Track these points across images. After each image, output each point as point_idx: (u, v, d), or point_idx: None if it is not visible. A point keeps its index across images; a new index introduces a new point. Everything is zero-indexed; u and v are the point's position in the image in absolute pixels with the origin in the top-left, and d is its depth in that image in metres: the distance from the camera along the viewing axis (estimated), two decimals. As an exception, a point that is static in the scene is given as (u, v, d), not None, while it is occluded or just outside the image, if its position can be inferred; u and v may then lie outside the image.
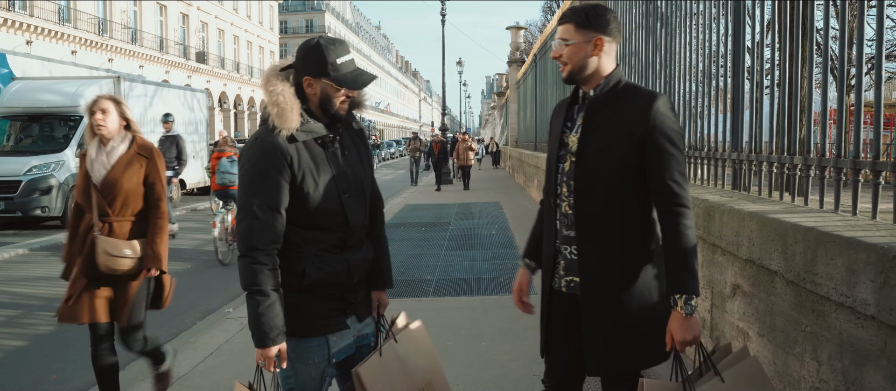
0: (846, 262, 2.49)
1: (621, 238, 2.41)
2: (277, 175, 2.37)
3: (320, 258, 2.46)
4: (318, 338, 2.52)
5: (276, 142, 2.38)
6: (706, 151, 4.78)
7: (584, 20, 2.40)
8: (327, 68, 2.43)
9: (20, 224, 13.72)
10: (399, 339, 2.76)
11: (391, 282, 2.80)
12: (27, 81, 15.28)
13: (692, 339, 2.30)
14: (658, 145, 2.32)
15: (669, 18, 5.57)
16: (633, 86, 2.48)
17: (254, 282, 2.34)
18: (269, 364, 2.40)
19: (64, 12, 30.87)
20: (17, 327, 6.63)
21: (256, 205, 2.36)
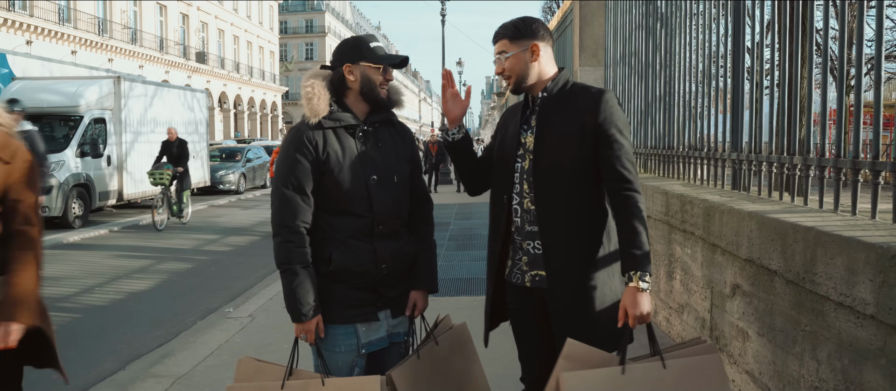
0: (845, 262, 2.49)
1: (582, 228, 2.54)
2: (303, 158, 2.51)
3: (347, 244, 2.53)
4: (345, 326, 2.56)
5: (303, 128, 2.55)
6: (706, 151, 4.78)
7: (516, 32, 2.58)
8: (363, 52, 2.59)
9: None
10: (440, 342, 2.75)
11: (433, 286, 2.77)
12: (27, 81, 15.29)
13: (645, 315, 2.40)
14: (609, 135, 2.48)
15: (669, 19, 5.57)
16: (582, 85, 2.62)
17: (285, 260, 2.48)
18: (310, 336, 2.49)
19: (64, 12, 30.87)
20: (17, 327, 6.62)
21: (284, 185, 2.51)
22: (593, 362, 2.35)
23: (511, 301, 2.75)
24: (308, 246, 2.51)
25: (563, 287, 2.53)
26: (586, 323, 2.51)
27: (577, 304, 2.52)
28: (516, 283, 2.69)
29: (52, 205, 13.11)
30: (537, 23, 2.60)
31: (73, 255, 10.75)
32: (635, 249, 2.41)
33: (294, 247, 2.48)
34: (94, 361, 5.56)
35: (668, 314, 4.99)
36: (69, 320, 6.84)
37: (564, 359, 2.35)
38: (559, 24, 11.35)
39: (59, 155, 13.63)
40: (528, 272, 2.64)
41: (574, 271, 2.52)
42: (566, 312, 2.54)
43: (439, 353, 2.72)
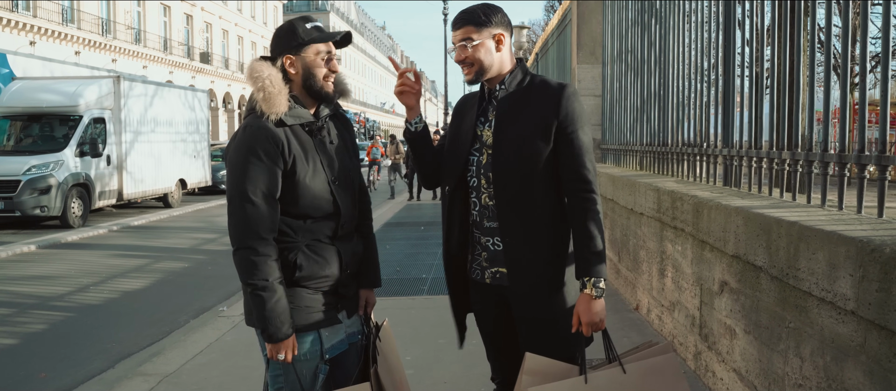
0: (827, 257, 2.44)
1: (543, 225, 2.46)
2: (270, 161, 2.30)
3: (312, 248, 2.40)
4: (310, 333, 2.43)
5: (266, 127, 2.31)
6: (699, 148, 4.73)
7: (484, 19, 2.46)
8: (299, 36, 2.38)
9: (19, 223, 13.74)
10: (382, 337, 2.72)
11: (379, 281, 2.73)
12: (27, 81, 15.31)
13: (599, 322, 2.36)
14: (569, 133, 2.41)
15: (664, 15, 5.52)
16: (543, 78, 2.53)
17: (258, 276, 2.26)
18: (287, 355, 2.33)
19: (67, 13, 30.90)
20: (9, 326, 6.61)
21: (250, 191, 2.28)
22: (555, 374, 2.32)
23: (474, 300, 2.69)
24: (277, 257, 2.31)
25: (526, 284, 2.47)
26: (550, 321, 2.46)
27: (541, 302, 2.47)
28: (477, 280, 2.62)
29: (51, 205, 13.12)
30: (502, 11, 2.52)
31: (70, 255, 10.74)
32: (590, 254, 2.35)
33: (269, 259, 2.27)
34: (84, 360, 5.53)
35: (660, 312, 4.93)
36: (61, 319, 6.82)
37: (526, 374, 2.31)
38: (559, 23, 11.31)
39: (58, 154, 13.67)
40: (489, 268, 2.57)
41: (536, 269, 2.46)
42: (529, 310, 2.48)
43: (383, 350, 2.67)
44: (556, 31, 11.64)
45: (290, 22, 2.43)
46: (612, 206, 6.60)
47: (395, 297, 6.87)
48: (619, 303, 6.02)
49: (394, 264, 8.74)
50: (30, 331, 6.38)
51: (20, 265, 9.86)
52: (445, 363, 4.68)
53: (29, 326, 6.57)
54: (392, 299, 6.82)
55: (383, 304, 6.58)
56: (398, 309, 6.35)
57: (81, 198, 14.05)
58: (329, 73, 2.44)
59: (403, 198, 19.50)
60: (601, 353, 2.49)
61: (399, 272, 8.24)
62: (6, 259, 10.36)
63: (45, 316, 6.96)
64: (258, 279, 2.26)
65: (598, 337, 2.54)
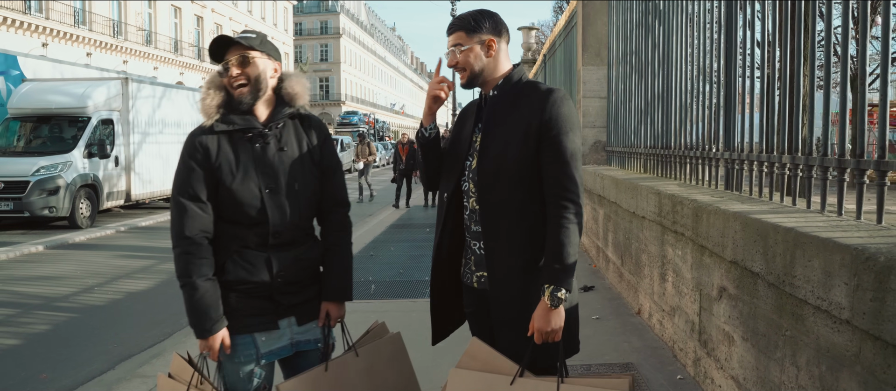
0: (822, 264, 2.40)
1: (525, 231, 2.43)
2: (196, 165, 2.41)
3: (241, 254, 2.44)
4: (243, 335, 2.45)
5: (196, 135, 2.45)
6: (700, 151, 4.68)
7: (473, 25, 2.48)
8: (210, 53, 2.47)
9: (28, 224, 13.80)
10: (362, 353, 2.63)
11: (345, 295, 2.65)
12: (37, 83, 15.40)
13: (550, 332, 2.32)
14: (551, 138, 2.37)
15: (667, 16, 5.48)
16: (533, 82, 2.50)
17: (184, 273, 2.37)
18: (213, 353, 2.39)
19: (79, 15, 31.09)
20: (13, 326, 6.63)
21: (179, 193, 2.41)
22: (492, 367, 2.29)
23: (467, 304, 2.67)
24: (210, 256, 2.39)
25: (504, 290, 2.44)
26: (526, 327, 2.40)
27: (518, 309, 2.43)
28: (468, 284, 2.61)
29: (59, 206, 13.18)
30: (495, 17, 2.52)
31: (77, 255, 10.78)
32: (555, 263, 2.31)
33: (193, 258, 2.36)
34: (85, 361, 5.53)
35: (660, 317, 4.89)
36: (65, 320, 6.83)
37: (466, 356, 2.31)
38: (566, 24, 11.28)
39: (66, 156, 13.73)
40: (476, 273, 2.56)
41: (515, 275, 2.43)
42: (507, 316, 2.46)
43: (357, 366, 2.58)
44: (564, 32, 11.60)
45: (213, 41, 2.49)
46: (615, 210, 6.55)
47: (396, 300, 6.85)
48: (621, 307, 5.98)
49: (397, 267, 8.72)
50: (33, 332, 6.40)
51: (27, 265, 9.89)
52: (444, 367, 4.61)
53: (32, 327, 6.58)
54: (394, 302, 6.80)
55: (385, 307, 6.57)
56: (399, 312, 6.32)
57: (89, 198, 14.11)
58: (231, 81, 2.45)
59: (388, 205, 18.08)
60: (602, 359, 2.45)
61: (402, 274, 8.22)
62: (14, 259, 10.41)
63: (48, 316, 6.98)
64: (183, 276, 2.37)
65: (584, 346, 2.50)
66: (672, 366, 4.36)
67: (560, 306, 2.31)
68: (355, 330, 2.95)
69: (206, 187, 2.41)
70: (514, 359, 2.36)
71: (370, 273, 8.31)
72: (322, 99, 76.02)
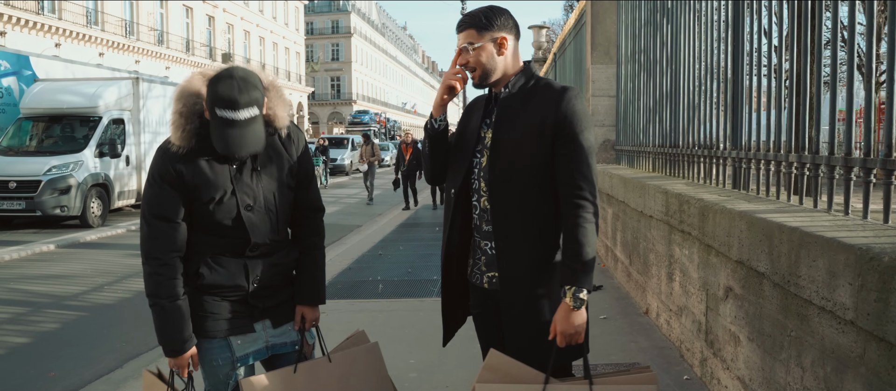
0: (827, 264, 2.37)
1: (537, 230, 2.41)
2: (169, 187, 2.35)
3: (216, 260, 2.42)
4: (219, 339, 2.46)
5: (170, 155, 2.36)
6: (708, 150, 4.65)
7: (485, 22, 2.43)
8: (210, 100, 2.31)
9: (40, 223, 13.89)
10: (335, 359, 2.64)
11: (318, 298, 2.67)
12: (48, 83, 15.50)
13: (574, 333, 2.29)
14: (567, 136, 2.34)
15: (675, 14, 5.44)
16: (547, 81, 2.47)
17: (154, 293, 2.36)
18: (182, 371, 2.40)
19: (91, 15, 31.28)
20: (22, 324, 6.68)
21: (150, 214, 2.37)
22: (515, 377, 2.25)
23: (474, 304, 2.65)
24: (180, 275, 2.37)
25: (516, 291, 2.42)
26: (538, 330, 2.40)
27: (530, 310, 2.41)
28: (476, 284, 2.59)
29: (70, 205, 13.26)
30: (506, 14, 2.48)
31: (87, 254, 10.85)
32: (575, 263, 2.29)
33: (163, 279, 2.34)
34: (93, 359, 5.56)
35: (668, 317, 4.86)
36: (74, 318, 6.88)
37: (485, 369, 2.26)
38: (576, 23, 11.24)
39: (78, 155, 13.81)
40: (486, 273, 2.54)
41: (527, 276, 2.41)
42: (518, 318, 2.43)
43: (331, 371, 2.59)
44: (573, 31, 11.57)
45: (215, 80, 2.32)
46: (623, 209, 6.52)
47: (404, 299, 6.84)
48: (629, 306, 5.95)
49: (406, 265, 8.72)
50: (43, 330, 6.44)
51: (38, 264, 9.96)
52: (449, 367, 4.64)
53: (42, 325, 6.62)
54: (402, 301, 6.79)
55: (393, 306, 6.57)
56: (406, 311, 6.32)
57: (101, 198, 14.19)
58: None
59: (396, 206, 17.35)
60: (608, 359, 2.44)
61: (410, 273, 8.21)
62: (25, 258, 10.48)
63: (58, 315, 7.02)
64: (153, 296, 2.37)
65: (591, 345, 2.48)
66: (679, 367, 4.34)
67: (582, 307, 2.29)
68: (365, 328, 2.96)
69: (180, 207, 2.37)
70: (526, 361, 2.34)
71: (378, 272, 8.31)
72: (333, 98, 76.20)
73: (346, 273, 8.26)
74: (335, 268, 8.53)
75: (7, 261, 10.14)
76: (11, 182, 13.17)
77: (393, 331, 5.64)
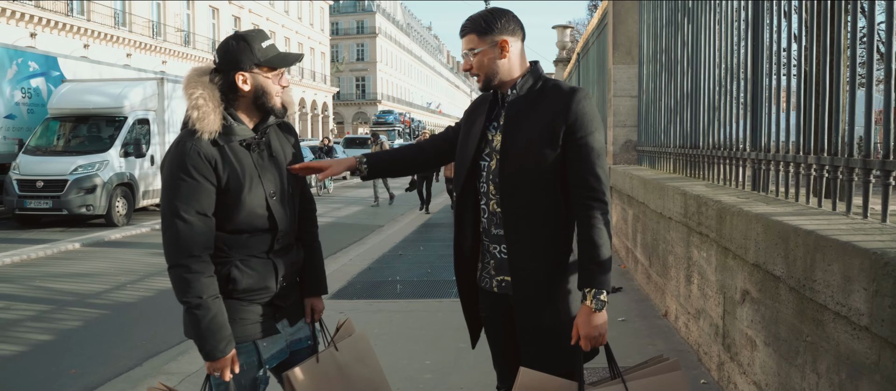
0: (842, 268, 2.32)
1: (549, 234, 2.40)
2: (201, 177, 2.26)
3: (246, 263, 2.37)
4: (246, 343, 2.41)
5: (199, 145, 2.27)
6: (727, 151, 4.58)
7: (485, 26, 2.41)
8: (256, 55, 2.34)
9: (67, 221, 14.08)
10: (340, 348, 2.67)
11: (325, 289, 2.72)
12: (75, 83, 15.71)
13: (598, 336, 2.28)
14: (577, 138, 2.33)
15: (696, 14, 5.38)
16: (556, 82, 2.45)
17: (193, 293, 2.23)
18: (224, 373, 2.30)
19: (119, 16, 31.69)
20: (46, 321, 6.77)
21: (182, 209, 2.24)
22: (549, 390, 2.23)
23: (483, 307, 2.63)
24: (213, 273, 2.28)
25: (528, 293, 2.40)
26: (552, 333, 2.38)
27: (542, 312, 2.39)
28: (486, 288, 2.57)
29: (96, 204, 13.44)
30: (507, 16, 2.45)
31: (111, 253, 10.98)
32: (593, 265, 2.27)
33: (202, 277, 2.23)
34: (113, 357, 5.62)
35: (686, 319, 4.80)
36: (96, 317, 6.96)
37: (518, 387, 2.23)
38: (599, 23, 11.17)
39: (103, 155, 13.97)
40: (496, 277, 2.52)
41: (540, 279, 2.39)
42: (530, 319, 2.41)
43: (339, 360, 2.62)
44: (596, 30, 11.49)
45: (244, 37, 2.37)
46: (643, 210, 6.46)
47: (422, 300, 6.83)
48: (648, 308, 5.89)
49: (425, 266, 8.71)
50: (65, 328, 6.52)
51: (63, 262, 10.10)
52: (464, 368, 4.62)
53: (65, 323, 6.71)
54: (420, 301, 6.78)
55: (411, 307, 6.57)
56: (424, 312, 6.31)
57: (126, 197, 14.36)
58: (281, 90, 2.44)
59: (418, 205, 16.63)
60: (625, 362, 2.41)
61: (429, 274, 8.21)
62: (51, 256, 10.63)
63: (81, 313, 7.11)
64: (192, 297, 2.23)
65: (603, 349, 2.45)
66: (696, 370, 4.28)
67: (603, 308, 2.28)
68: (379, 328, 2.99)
69: (211, 200, 2.29)
70: (539, 365, 2.33)
71: (398, 272, 8.31)
72: (358, 98, 76.47)
73: (366, 273, 8.27)
74: (355, 269, 8.55)
75: (33, 259, 10.30)
76: (39, 181, 13.38)
77: (410, 332, 5.63)
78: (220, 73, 2.35)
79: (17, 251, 10.59)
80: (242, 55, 2.33)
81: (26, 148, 14.38)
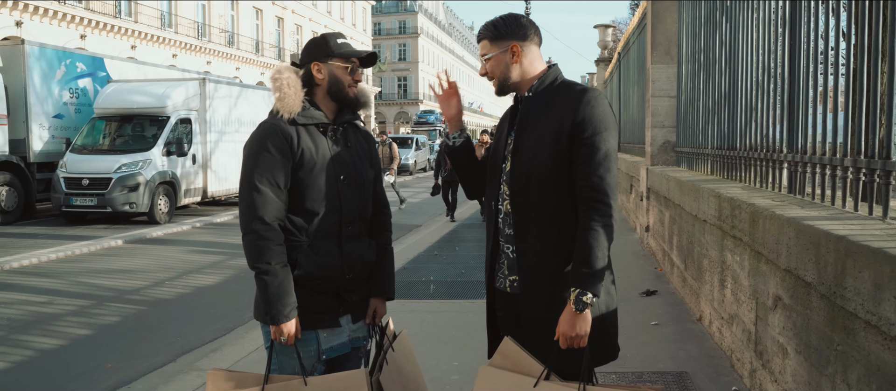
0: (872, 276, 2.23)
1: (556, 233, 2.40)
2: (277, 153, 2.45)
3: (313, 248, 2.49)
4: (307, 331, 2.50)
5: (277, 123, 2.49)
6: (764, 153, 4.46)
7: (497, 32, 2.46)
8: (330, 48, 2.56)
9: (111, 219, 14.39)
10: (394, 348, 2.72)
11: (392, 293, 2.78)
12: (120, 84, 16.04)
13: (575, 337, 2.27)
14: (584, 138, 2.33)
15: (733, 12, 5.26)
16: (569, 82, 2.47)
17: (262, 259, 2.38)
18: (289, 338, 2.41)
19: (166, 18, 32.30)
20: (86, 316, 6.92)
21: (257, 180, 2.42)
22: (520, 367, 2.27)
23: (498, 307, 2.62)
24: (283, 243, 2.44)
25: (534, 294, 2.41)
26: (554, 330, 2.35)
27: (548, 315, 2.37)
28: (500, 289, 2.57)
29: (139, 202, 13.71)
30: (519, 21, 2.48)
31: (152, 250, 11.19)
32: (583, 266, 2.27)
33: (272, 244, 2.40)
34: (148, 353, 5.71)
35: (720, 325, 4.69)
36: (134, 312, 7.09)
37: (498, 354, 2.32)
38: (639, 22, 11.03)
39: (146, 153, 14.26)
40: (508, 277, 2.52)
41: (545, 279, 2.39)
42: (537, 323, 2.41)
43: (396, 360, 2.68)
44: (637, 30, 11.36)
45: (323, 35, 2.64)
46: (679, 212, 6.34)
47: (454, 301, 6.82)
48: (682, 313, 5.77)
49: (459, 267, 8.69)
50: (104, 323, 6.66)
51: (106, 259, 10.32)
52: (492, 370, 4.58)
53: (104, 318, 6.85)
54: (452, 302, 6.77)
55: (442, 307, 6.56)
56: (455, 312, 6.29)
57: (168, 195, 14.62)
58: (353, 82, 2.61)
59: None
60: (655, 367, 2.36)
61: (463, 274, 8.18)
62: (94, 252, 10.86)
63: (119, 308, 7.25)
64: (261, 262, 2.38)
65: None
66: (728, 377, 4.17)
67: (586, 311, 2.27)
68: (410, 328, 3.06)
69: (285, 175, 2.46)
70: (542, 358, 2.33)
71: (432, 272, 8.31)
72: (400, 98, 76.76)
73: (401, 273, 8.27)
74: (389, 268, 8.56)
75: (77, 255, 10.54)
76: (84, 179, 13.71)
77: (440, 333, 5.61)
78: (302, 67, 2.61)
79: (63, 247, 10.86)
80: (318, 49, 2.58)
81: (73, 146, 14.74)
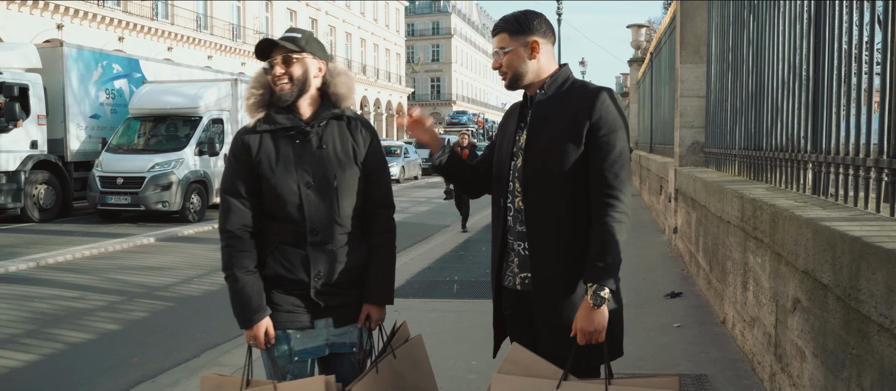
0: (885, 278, 2.18)
1: (570, 231, 2.40)
2: (237, 161, 2.50)
3: (280, 251, 2.48)
4: (277, 331, 2.50)
5: (239, 134, 2.54)
6: (789, 153, 4.38)
7: (517, 26, 2.46)
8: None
9: (144, 217, 14.64)
10: (398, 355, 2.61)
11: (386, 298, 2.64)
12: (155, 85, 16.35)
13: (593, 331, 2.28)
14: (600, 137, 2.34)
15: (760, 11, 5.18)
16: (582, 83, 2.48)
17: (227, 266, 2.47)
18: (259, 342, 2.45)
19: (201, 20, 32.78)
20: (115, 312, 7.05)
21: (224, 191, 2.52)
22: (535, 371, 2.24)
23: (506, 306, 2.61)
24: (252, 249, 2.48)
25: (548, 292, 2.41)
26: (570, 330, 2.35)
27: (561, 309, 2.39)
28: (509, 287, 2.55)
29: (171, 200, 13.95)
30: (539, 18, 2.49)
31: (183, 247, 11.36)
32: (599, 261, 2.28)
33: (234, 251, 2.46)
34: (174, 348, 5.80)
35: (742, 327, 4.62)
36: (162, 308, 7.20)
37: (507, 361, 2.28)
38: (670, 22, 10.94)
39: (179, 153, 14.52)
40: (519, 274, 2.51)
41: (560, 276, 2.39)
42: (550, 316, 2.41)
43: (397, 367, 2.56)
44: (668, 30, 11.26)
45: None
46: (704, 213, 6.26)
47: (477, 300, 6.81)
48: (706, 315, 5.70)
49: (485, 266, 8.67)
50: (132, 319, 6.78)
51: (138, 256, 10.50)
52: (509, 371, 4.56)
53: (133, 314, 6.98)
54: (474, 302, 6.76)
55: (465, 307, 6.55)
56: (477, 312, 6.28)
57: (199, 194, 14.85)
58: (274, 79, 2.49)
59: None
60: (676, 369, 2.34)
61: (487, 274, 8.16)
62: (127, 250, 11.06)
63: (148, 304, 7.37)
64: (226, 268, 2.48)
65: (627, 350, 2.40)
66: (748, 380, 4.12)
67: (603, 305, 2.27)
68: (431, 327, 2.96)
69: (247, 183, 2.48)
70: (557, 362, 2.32)
71: (456, 272, 8.31)
72: (433, 98, 76.91)
73: (425, 272, 8.29)
74: (414, 268, 8.59)
75: (110, 252, 10.74)
76: (119, 178, 14.00)
77: (460, 332, 5.61)
78: None
79: (97, 244, 11.08)
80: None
81: (108, 146, 15.04)
